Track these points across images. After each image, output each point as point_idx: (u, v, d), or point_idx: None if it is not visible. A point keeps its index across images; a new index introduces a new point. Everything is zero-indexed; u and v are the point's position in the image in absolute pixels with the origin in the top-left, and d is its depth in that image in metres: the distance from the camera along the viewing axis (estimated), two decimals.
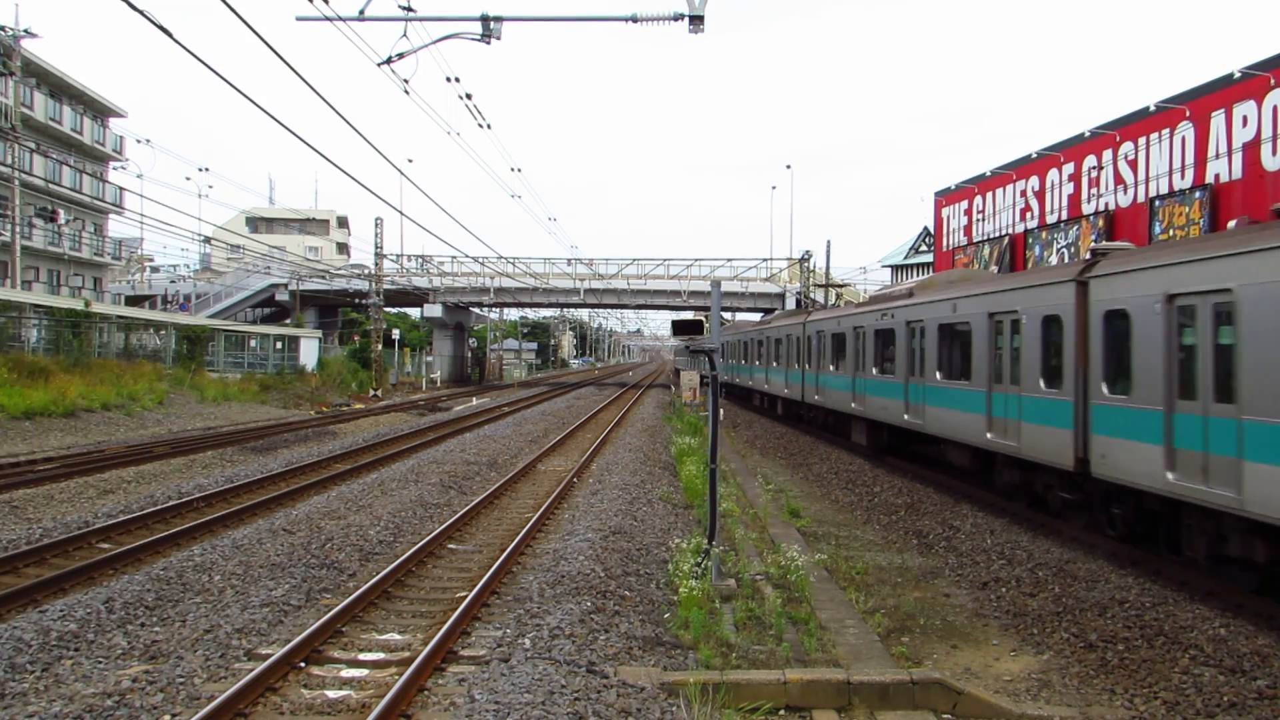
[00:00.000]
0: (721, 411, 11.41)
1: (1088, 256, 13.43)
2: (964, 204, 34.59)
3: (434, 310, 60.11)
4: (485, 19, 15.56)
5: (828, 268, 51.57)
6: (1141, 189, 23.72)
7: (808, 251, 54.08)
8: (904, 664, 8.22)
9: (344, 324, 75.17)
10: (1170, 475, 10.15)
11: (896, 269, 54.33)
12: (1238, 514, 9.23)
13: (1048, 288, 13.11)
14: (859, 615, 9.57)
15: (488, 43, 15.61)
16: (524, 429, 28.42)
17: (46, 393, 26.96)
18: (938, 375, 17.03)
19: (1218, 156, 20.91)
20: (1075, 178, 26.93)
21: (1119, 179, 24.78)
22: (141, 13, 11.15)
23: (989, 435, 14.72)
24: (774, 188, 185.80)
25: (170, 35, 11.77)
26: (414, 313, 79.32)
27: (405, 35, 15.74)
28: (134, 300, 65.16)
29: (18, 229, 37.67)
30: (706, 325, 11.38)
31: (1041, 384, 13.09)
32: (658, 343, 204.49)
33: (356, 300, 60.54)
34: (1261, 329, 8.93)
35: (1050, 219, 28.18)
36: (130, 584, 9.71)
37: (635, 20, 15.49)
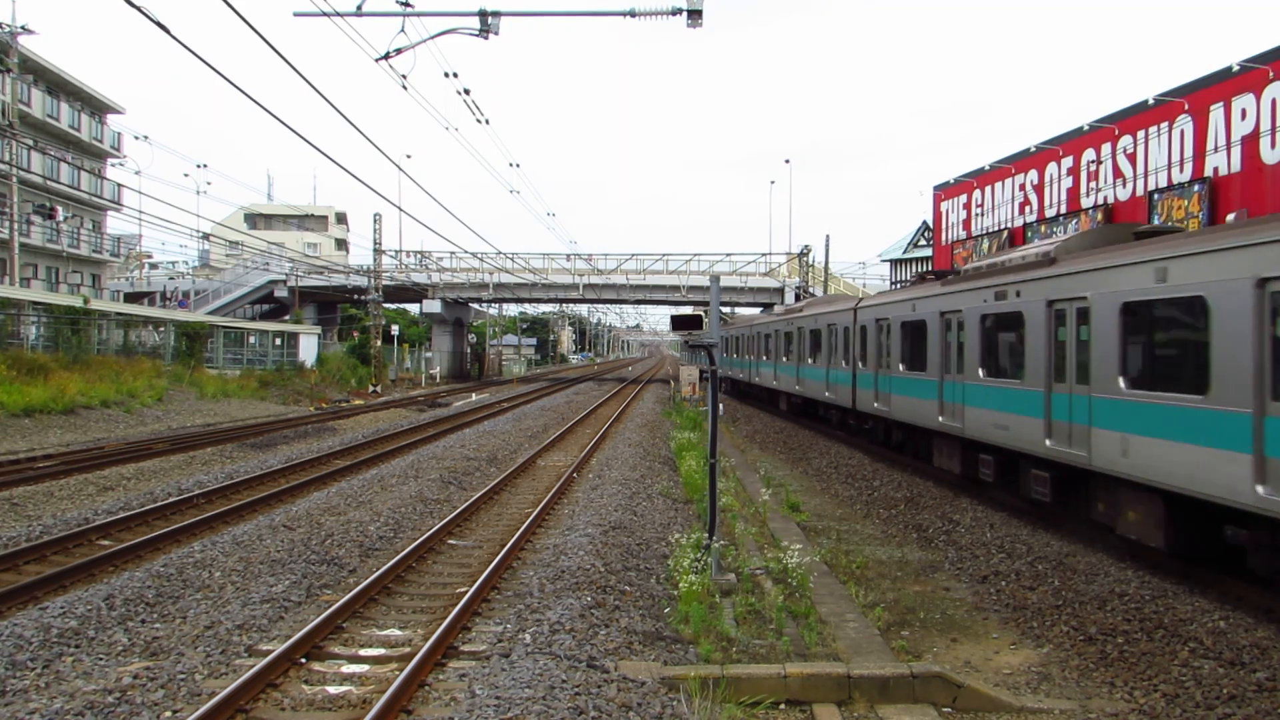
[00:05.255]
0: (721, 407, 11.41)
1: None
2: (963, 198, 34.56)
3: (433, 306, 60.07)
4: (483, 14, 15.56)
5: (826, 263, 51.56)
6: (1140, 182, 23.69)
7: (806, 246, 54.06)
8: (904, 658, 8.23)
9: (343, 320, 75.17)
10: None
11: (895, 263, 54.27)
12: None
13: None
14: (859, 609, 9.59)
15: (485, 38, 15.61)
16: (523, 424, 28.43)
17: (46, 390, 26.95)
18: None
19: (1216, 150, 20.89)
20: (1074, 171, 26.90)
21: (1118, 172, 24.76)
22: (139, 9, 11.13)
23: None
24: (773, 183, 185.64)
25: (168, 31, 11.74)
26: (413, 309, 79.34)
27: (403, 31, 15.76)
28: (133, 297, 65.13)
29: (16, 226, 37.62)
30: (706, 320, 11.38)
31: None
32: (657, 338, 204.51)
33: (355, 296, 60.50)
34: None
35: (1049, 212, 28.16)
36: (131, 581, 9.72)
37: (633, 15, 15.49)
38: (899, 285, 48.16)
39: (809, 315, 27.49)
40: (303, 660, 7.75)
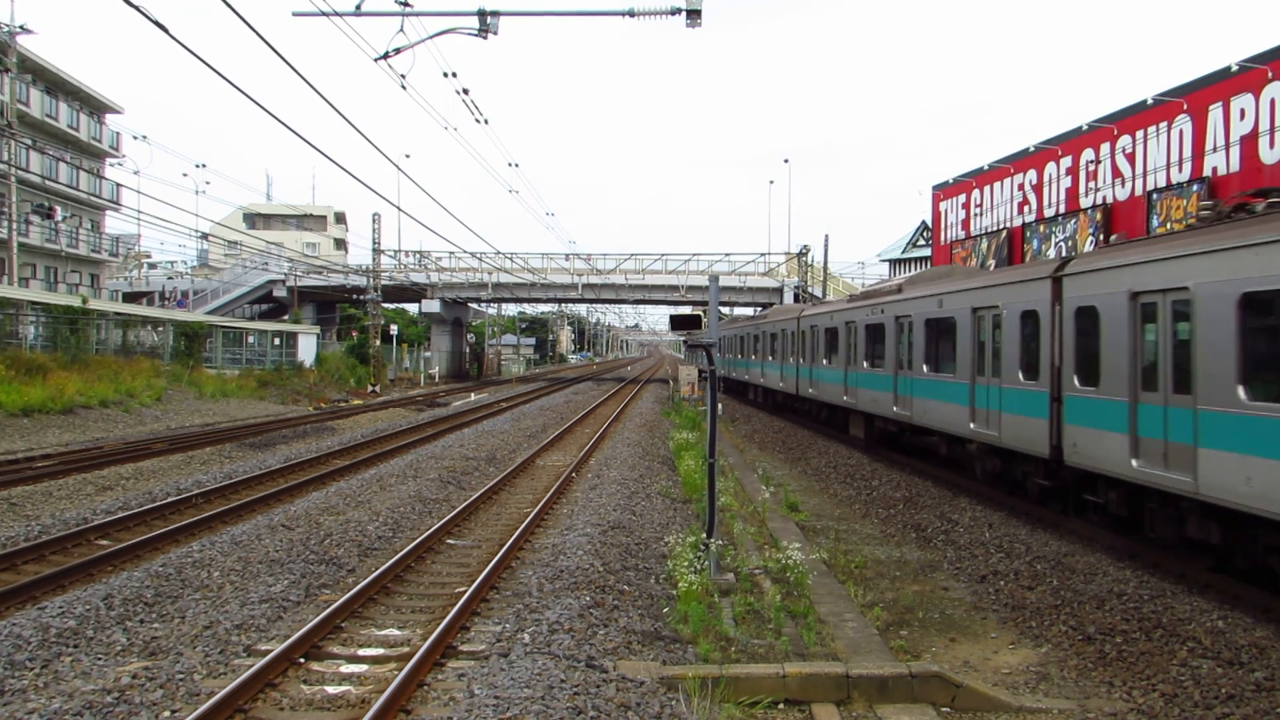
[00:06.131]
0: (720, 406, 11.41)
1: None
2: (962, 198, 34.57)
3: (432, 306, 60.08)
4: (482, 14, 15.55)
5: (826, 262, 51.54)
6: (1139, 182, 23.70)
7: (805, 246, 54.06)
8: (903, 657, 8.23)
9: (342, 320, 75.11)
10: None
11: (894, 263, 54.30)
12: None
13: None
14: (858, 609, 9.59)
15: (484, 38, 15.61)
16: (522, 424, 28.43)
17: (44, 389, 26.93)
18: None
19: (1215, 149, 20.90)
20: (1073, 171, 26.92)
21: (1116, 172, 24.77)
22: (138, 9, 11.12)
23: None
24: (771, 182, 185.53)
25: (166, 31, 11.73)
26: (412, 308, 79.30)
27: (402, 30, 15.74)
28: (131, 297, 65.11)
29: (14, 226, 37.60)
30: (705, 319, 11.39)
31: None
32: (656, 338, 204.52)
33: (354, 296, 60.48)
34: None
35: (1048, 212, 28.17)
36: (129, 580, 9.72)
37: (632, 15, 15.49)
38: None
39: (961, 290, 15.89)
40: (301, 660, 7.75)
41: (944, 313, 16.52)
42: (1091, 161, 25.92)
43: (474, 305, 72.21)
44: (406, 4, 15.26)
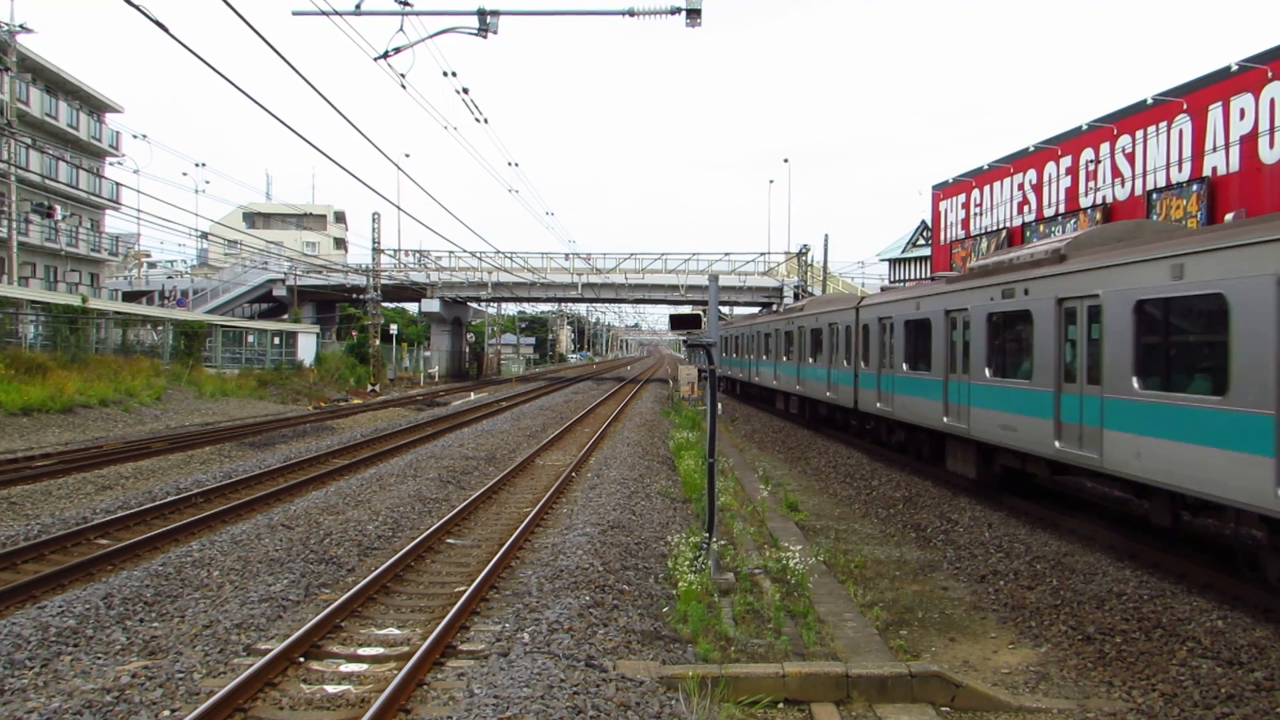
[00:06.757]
0: (720, 406, 11.41)
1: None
2: (962, 197, 34.56)
3: (431, 305, 60.09)
4: (482, 13, 15.55)
5: (825, 262, 51.53)
6: (1139, 182, 23.69)
7: (805, 246, 54.07)
8: (902, 657, 8.23)
9: (342, 319, 75.09)
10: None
11: (894, 263, 54.25)
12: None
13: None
14: (857, 609, 9.59)
15: (484, 37, 15.61)
16: (522, 424, 28.42)
17: (44, 389, 26.93)
18: None
19: (1215, 149, 20.90)
20: (1073, 171, 26.91)
21: (1116, 172, 24.76)
22: (138, 8, 11.11)
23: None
24: (771, 182, 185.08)
25: (167, 30, 11.73)
26: (412, 308, 79.29)
27: (401, 30, 15.76)
28: (131, 296, 65.10)
29: (14, 225, 37.59)
30: (704, 319, 11.40)
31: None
32: (656, 337, 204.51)
33: (354, 295, 60.49)
34: None
35: (1048, 212, 28.16)
36: (129, 580, 9.71)
37: (632, 14, 15.49)
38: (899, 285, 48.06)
39: (1234, 246, 9.06)
40: (301, 659, 7.75)
41: (1185, 289, 9.88)
42: (1091, 161, 25.92)
43: (474, 305, 72.20)
44: (406, 4, 15.26)
